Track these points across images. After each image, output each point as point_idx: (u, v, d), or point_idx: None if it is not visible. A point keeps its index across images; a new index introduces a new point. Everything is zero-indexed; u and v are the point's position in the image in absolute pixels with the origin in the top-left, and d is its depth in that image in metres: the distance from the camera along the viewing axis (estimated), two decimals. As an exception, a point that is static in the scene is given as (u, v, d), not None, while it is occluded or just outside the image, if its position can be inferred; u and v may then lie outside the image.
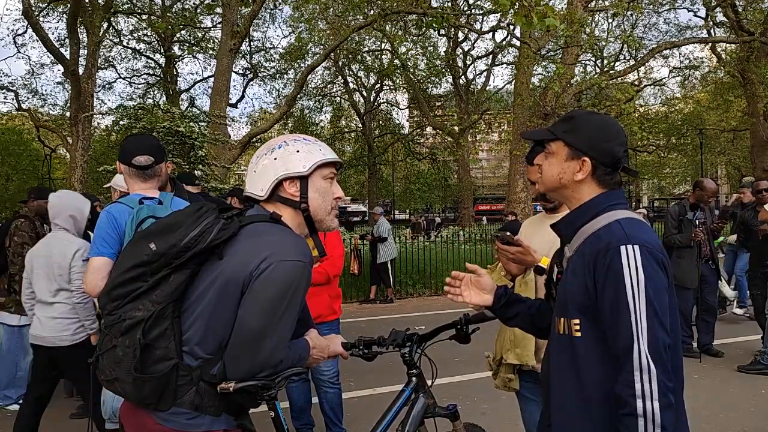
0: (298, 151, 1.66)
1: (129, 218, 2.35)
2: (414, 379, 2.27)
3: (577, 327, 1.45)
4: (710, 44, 22.19)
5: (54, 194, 3.61)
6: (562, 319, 1.51)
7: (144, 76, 26.83)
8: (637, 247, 1.37)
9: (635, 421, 1.29)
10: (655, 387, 1.29)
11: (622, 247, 1.37)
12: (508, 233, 2.15)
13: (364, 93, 32.90)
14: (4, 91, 22.29)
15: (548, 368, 1.58)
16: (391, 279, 10.48)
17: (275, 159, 1.65)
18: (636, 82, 26.48)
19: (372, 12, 15.11)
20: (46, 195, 4.96)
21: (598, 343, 1.42)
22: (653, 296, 1.35)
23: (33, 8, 15.32)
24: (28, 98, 24.06)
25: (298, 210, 1.67)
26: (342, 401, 3.91)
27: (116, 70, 33.06)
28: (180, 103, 24.86)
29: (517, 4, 5.29)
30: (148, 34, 23.90)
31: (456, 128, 24.46)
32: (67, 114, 19.67)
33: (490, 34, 21.34)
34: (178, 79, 26.58)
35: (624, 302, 1.35)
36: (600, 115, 1.64)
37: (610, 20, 24.27)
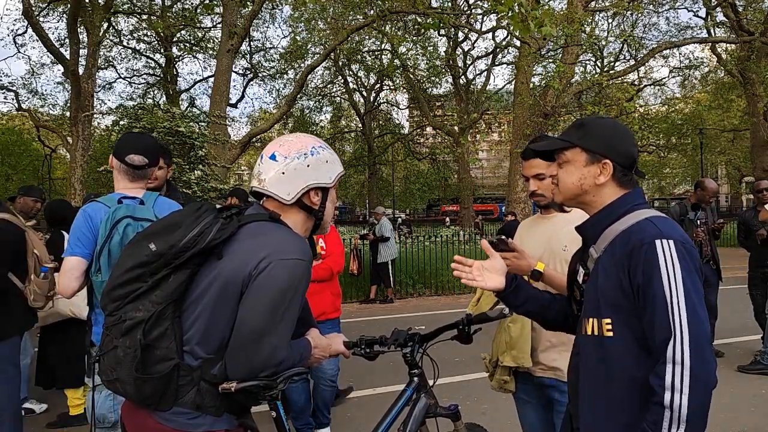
0: (327, 161, 1.68)
1: (104, 217, 2.32)
2: (416, 379, 2.26)
3: (609, 327, 1.43)
4: (710, 44, 22.19)
5: None
6: (591, 320, 1.49)
7: (144, 76, 26.83)
8: (672, 242, 1.36)
9: (661, 412, 1.29)
10: (687, 381, 1.27)
11: (657, 242, 1.36)
12: (503, 237, 2.11)
13: (364, 93, 32.90)
14: (4, 91, 22.28)
15: (576, 371, 1.55)
16: (392, 279, 10.47)
17: (308, 166, 1.64)
18: (636, 82, 26.49)
19: (371, 12, 15.10)
20: (35, 193, 4.87)
21: (631, 342, 1.41)
22: (691, 289, 1.33)
23: (33, 8, 15.31)
24: (28, 98, 24.07)
25: (312, 216, 1.70)
26: (333, 399, 4.09)
27: (116, 70, 33.19)
28: (180, 103, 24.85)
29: (515, 6, 5.27)
30: (148, 34, 23.90)
31: (456, 128, 24.46)
32: (67, 114, 19.67)
33: (490, 33, 21.32)
34: (178, 79, 26.59)
35: (661, 296, 1.33)
36: (609, 118, 1.65)
37: (610, 20, 24.30)
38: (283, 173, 1.63)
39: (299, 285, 1.54)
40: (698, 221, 5.93)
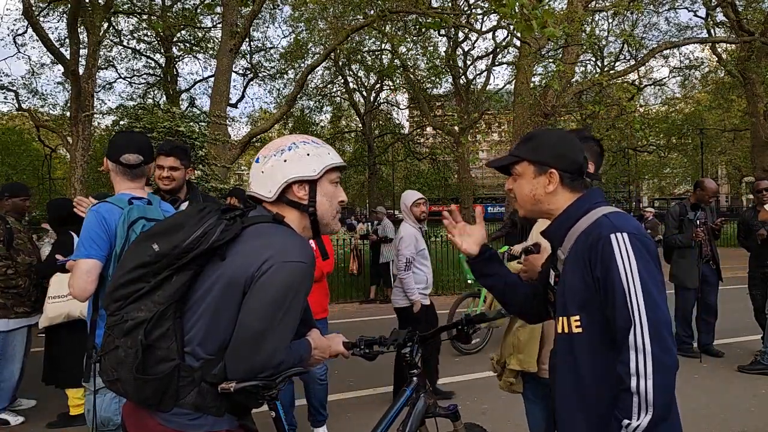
0: (308, 154, 1.66)
1: (120, 219, 2.29)
2: (415, 379, 2.27)
3: (578, 323, 1.50)
4: (710, 44, 22.18)
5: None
6: (562, 319, 1.55)
7: (144, 76, 26.82)
8: (625, 235, 1.44)
9: (630, 397, 1.35)
10: (650, 367, 1.34)
11: (612, 235, 1.44)
12: (539, 243, 2.10)
13: (364, 93, 32.89)
14: (4, 91, 22.25)
15: (554, 368, 1.62)
16: (392, 279, 10.45)
17: (285, 161, 1.63)
18: (636, 82, 26.49)
19: (372, 12, 15.10)
20: (23, 192, 4.78)
21: (598, 337, 1.47)
22: (647, 278, 1.40)
23: (33, 8, 15.30)
24: (28, 98, 24.04)
25: (305, 213, 1.67)
26: (327, 396, 4.05)
27: (116, 70, 33.17)
28: (180, 103, 24.87)
29: (517, 7, 5.26)
30: (148, 34, 23.89)
31: (456, 128, 24.45)
32: (67, 114, 19.65)
33: (490, 33, 21.32)
34: (178, 79, 26.58)
35: (619, 286, 1.40)
36: (557, 130, 1.75)
37: (610, 20, 24.30)
38: (263, 172, 1.65)
39: (301, 287, 1.54)
40: (698, 221, 5.93)
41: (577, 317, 1.49)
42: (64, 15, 18.63)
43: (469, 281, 6.31)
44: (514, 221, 6.94)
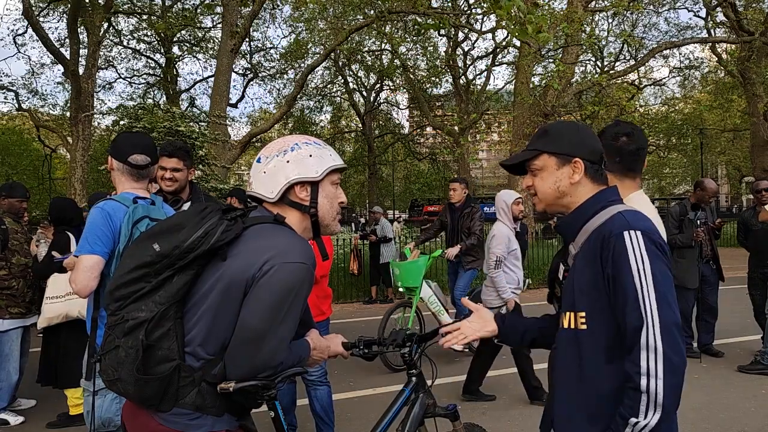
0: (310, 156, 1.65)
1: (125, 217, 2.30)
2: (414, 379, 2.27)
3: (583, 320, 1.48)
4: (710, 44, 22.20)
5: (500, 193, 4.82)
6: (568, 314, 1.54)
7: (144, 76, 26.87)
8: (639, 233, 1.41)
9: (639, 396, 1.34)
10: (661, 367, 1.33)
11: (625, 233, 1.42)
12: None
13: (364, 93, 32.93)
14: (4, 91, 22.29)
15: (554, 362, 1.61)
16: (392, 279, 10.44)
17: (287, 162, 1.63)
18: (636, 82, 26.51)
19: (371, 12, 15.11)
20: (20, 193, 4.72)
21: (601, 335, 1.45)
22: (660, 277, 1.38)
23: (33, 8, 15.32)
24: (28, 98, 24.11)
25: (306, 214, 1.67)
26: (332, 400, 3.77)
27: (116, 70, 33.30)
28: (180, 103, 24.92)
29: (513, 9, 5.27)
30: (148, 34, 23.92)
31: (456, 128, 24.47)
32: (67, 114, 19.68)
33: (490, 34, 21.33)
34: (178, 79, 26.62)
35: (631, 285, 1.38)
36: (571, 121, 1.71)
37: (610, 20, 24.32)
38: (264, 173, 1.65)
39: (301, 288, 1.54)
40: (698, 221, 5.93)
41: (584, 313, 1.48)
42: (64, 15, 18.67)
43: (401, 289, 6.26)
44: (444, 222, 6.91)
